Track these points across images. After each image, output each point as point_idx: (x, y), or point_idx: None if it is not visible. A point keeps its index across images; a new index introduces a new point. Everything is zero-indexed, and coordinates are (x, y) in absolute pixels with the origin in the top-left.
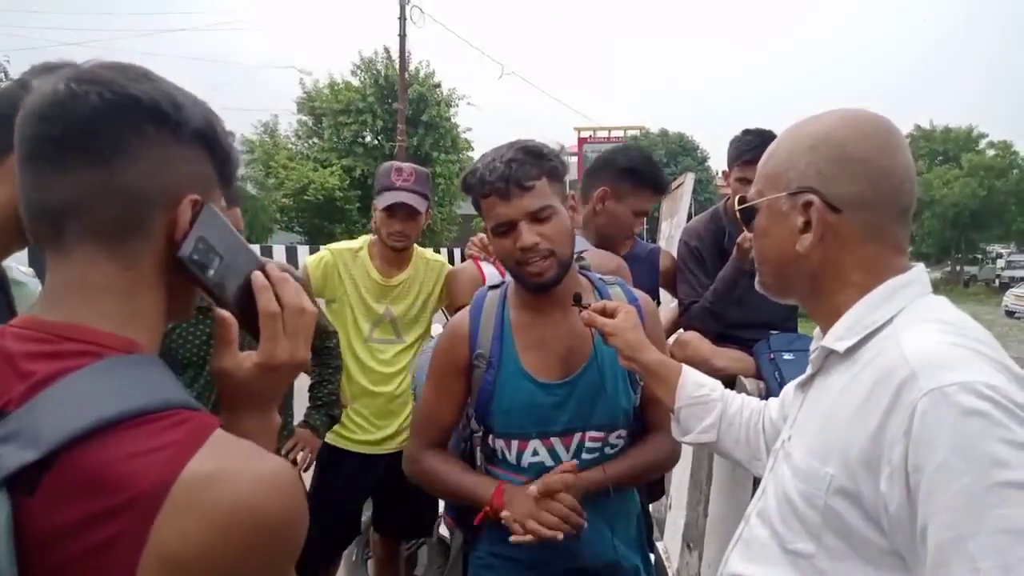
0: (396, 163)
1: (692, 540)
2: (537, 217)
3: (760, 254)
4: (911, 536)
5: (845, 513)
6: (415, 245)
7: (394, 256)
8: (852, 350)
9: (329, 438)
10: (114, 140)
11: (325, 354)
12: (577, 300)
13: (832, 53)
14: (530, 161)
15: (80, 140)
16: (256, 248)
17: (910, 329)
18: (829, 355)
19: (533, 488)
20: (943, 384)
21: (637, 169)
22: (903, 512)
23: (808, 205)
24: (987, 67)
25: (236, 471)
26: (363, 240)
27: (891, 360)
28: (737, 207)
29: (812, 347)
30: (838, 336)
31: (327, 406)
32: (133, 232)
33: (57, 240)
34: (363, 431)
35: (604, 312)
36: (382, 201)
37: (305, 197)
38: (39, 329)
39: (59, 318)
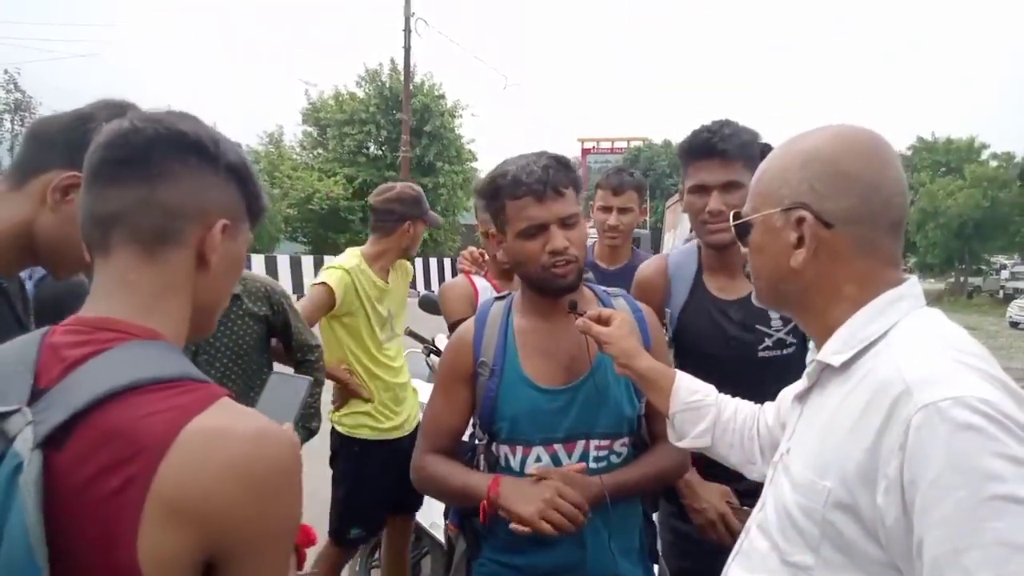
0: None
1: None
2: (566, 223)
3: (755, 270)
4: (907, 550)
5: (843, 526)
6: None
7: (385, 262)
8: (847, 364)
9: (364, 433)
10: (161, 164)
11: (306, 367)
12: (572, 307)
13: (832, 66)
14: (563, 169)
15: (134, 162)
16: (261, 259)
17: (904, 343)
18: (825, 369)
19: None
20: (937, 399)
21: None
22: (899, 526)
23: (801, 221)
24: (988, 77)
25: (234, 428)
26: (354, 255)
27: (886, 375)
28: (732, 223)
29: (808, 359)
30: (833, 350)
31: (304, 418)
32: (168, 241)
33: (104, 244)
34: (388, 420)
35: (599, 320)
36: (435, 219)
37: (310, 207)
38: (81, 324)
39: (97, 314)
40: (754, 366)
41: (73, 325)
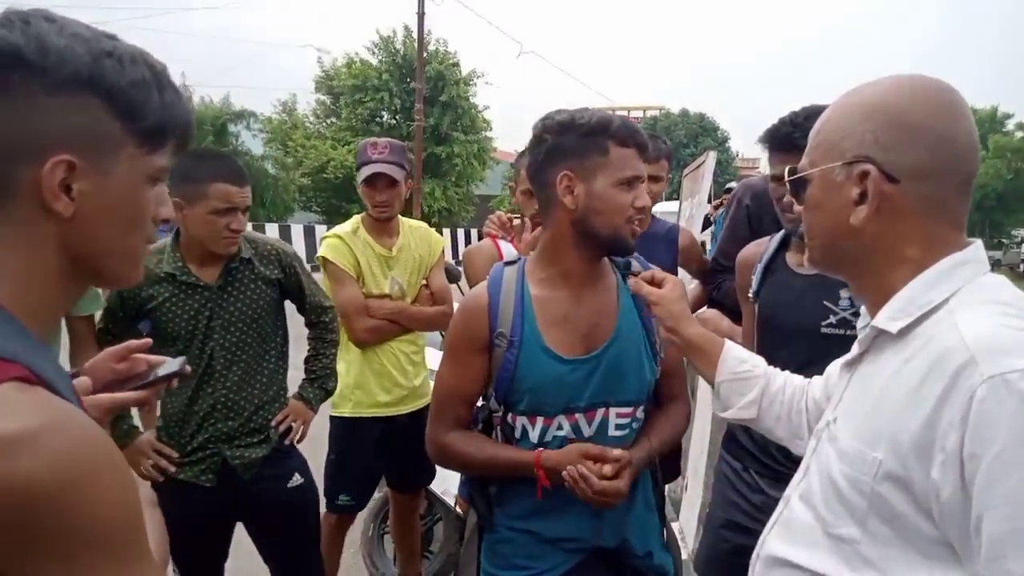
0: (372, 139)
1: None
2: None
3: (811, 227)
4: (963, 526)
5: (893, 499)
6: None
7: (384, 227)
8: (904, 331)
9: (357, 411)
10: None
11: (320, 328)
12: (627, 267)
13: (856, 30)
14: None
15: None
16: (275, 227)
17: (968, 311)
18: (879, 335)
19: (607, 469)
20: (1004, 371)
21: None
22: (956, 501)
23: (864, 175)
24: (1010, 43)
25: None
26: (356, 220)
27: (948, 343)
28: (788, 177)
29: (859, 324)
30: (890, 316)
31: (321, 379)
32: None
33: None
34: (386, 394)
35: (652, 281)
36: (362, 175)
37: (323, 176)
38: None
39: None
40: (816, 341)
41: None
